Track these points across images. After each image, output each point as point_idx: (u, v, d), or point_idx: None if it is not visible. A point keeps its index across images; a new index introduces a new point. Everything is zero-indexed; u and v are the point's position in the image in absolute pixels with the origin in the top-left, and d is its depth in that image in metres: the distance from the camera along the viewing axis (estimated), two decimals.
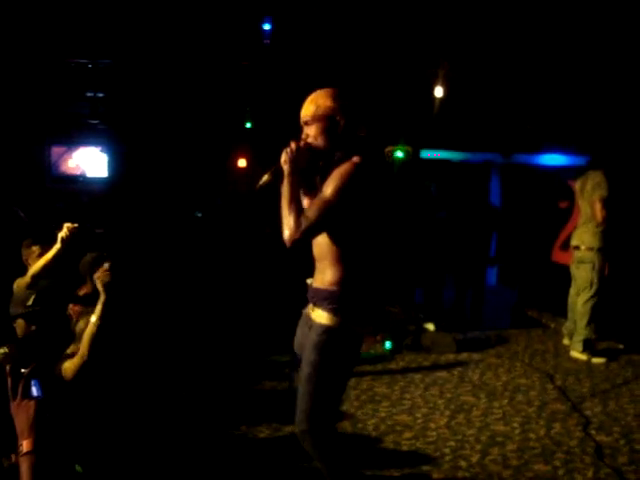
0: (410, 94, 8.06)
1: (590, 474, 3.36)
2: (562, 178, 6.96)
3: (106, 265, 2.99)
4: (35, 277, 3.72)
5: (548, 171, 8.97)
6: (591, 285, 5.50)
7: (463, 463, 3.47)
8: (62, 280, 3.76)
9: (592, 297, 5.51)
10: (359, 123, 2.63)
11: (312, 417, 2.52)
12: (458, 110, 8.33)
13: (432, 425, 4.01)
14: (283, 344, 5.74)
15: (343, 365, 2.59)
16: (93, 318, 2.91)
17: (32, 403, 1.51)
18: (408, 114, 8.01)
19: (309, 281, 2.74)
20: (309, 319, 2.63)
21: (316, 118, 2.56)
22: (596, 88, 7.75)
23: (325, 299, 2.54)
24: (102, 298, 2.93)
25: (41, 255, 3.89)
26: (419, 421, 4.06)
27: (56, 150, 9.23)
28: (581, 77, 7.77)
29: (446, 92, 8.19)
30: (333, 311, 2.52)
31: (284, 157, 2.53)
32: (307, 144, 2.57)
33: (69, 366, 2.91)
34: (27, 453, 1.47)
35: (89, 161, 9.23)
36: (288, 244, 2.47)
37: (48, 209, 7.90)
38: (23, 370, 1.55)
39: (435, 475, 3.34)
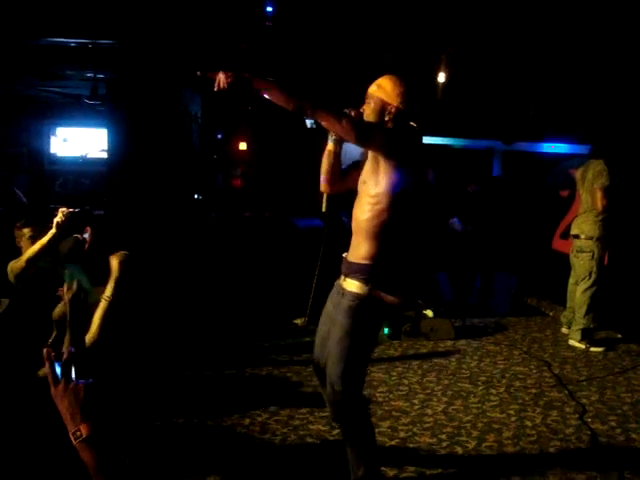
0: (413, 80, 8.01)
1: (586, 462, 3.37)
2: (564, 166, 6.94)
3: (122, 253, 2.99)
4: (30, 262, 3.71)
5: (550, 159, 8.94)
6: (590, 274, 5.50)
7: (459, 449, 3.48)
8: (55, 263, 3.75)
9: (591, 286, 5.51)
10: (413, 115, 2.82)
11: (344, 379, 2.73)
12: (461, 96, 8.29)
13: (429, 411, 4.01)
14: (281, 328, 5.78)
15: (371, 330, 2.83)
16: (105, 299, 2.90)
17: (80, 386, 1.47)
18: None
19: (344, 255, 2.93)
20: (341, 289, 2.83)
21: (373, 98, 2.79)
22: (599, 77, 7.70)
23: (357, 271, 2.76)
24: (115, 276, 2.92)
25: (32, 237, 3.87)
26: (416, 407, 4.07)
27: (56, 131, 9.20)
28: (584, 66, 7.72)
29: (449, 78, 8.14)
30: (364, 281, 2.73)
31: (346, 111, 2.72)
32: (359, 116, 2.76)
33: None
34: (87, 438, 1.44)
35: (89, 142, 9.20)
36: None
37: (47, 190, 7.88)
38: (62, 354, 1.50)
39: (431, 461, 3.35)
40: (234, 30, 7.56)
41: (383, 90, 2.78)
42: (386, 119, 2.76)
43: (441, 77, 8.13)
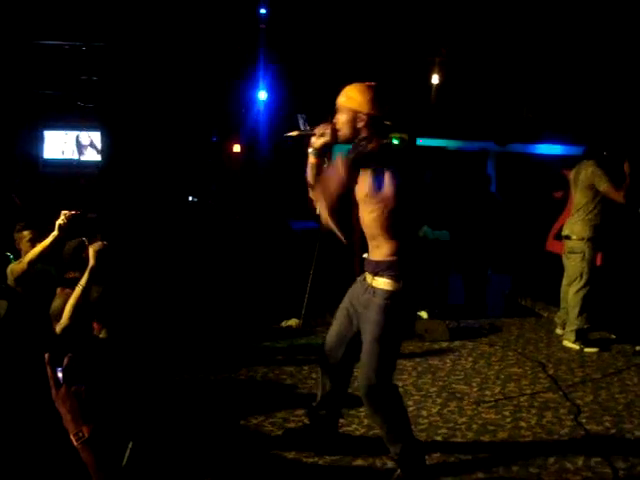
0: (407, 81, 8.02)
1: (580, 463, 3.38)
2: (557, 168, 6.95)
3: (99, 243, 3.03)
4: (31, 263, 3.72)
5: (544, 160, 8.96)
6: (581, 275, 5.49)
7: (454, 451, 3.48)
8: (54, 264, 3.76)
9: (583, 287, 5.50)
10: (385, 117, 2.94)
11: (380, 372, 2.88)
12: (455, 98, 8.30)
13: (424, 413, 4.01)
14: (276, 330, 5.77)
15: (405, 323, 3.01)
16: (79, 285, 2.93)
17: (81, 389, 1.50)
18: (405, 101, 7.97)
19: (365, 255, 3.07)
20: (370, 287, 2.94)
21: (344, 109, 2.90)
22: (593, 77, 7.72)
23: (387, 268, 2.87)
24: (91, 264, 2.95)
25: (31, 240, 3.88)
26: (411, 408, 4.06)
27: (50, 134, 9.17)
28: (579, 66, 7.74)
29: (443, 79, 8.15)
30: (395, 277, 2.86)
31: (319, 130, 2.90)
32: (334, 129, 2.90)
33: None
34: (88, 439, 1.47)
35: (83, 145, 9.17)
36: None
37: (41, 193, 7.86)
38: (63, 358, 1.54)
39: (426, 462, 3.34)
40: (228, 32, 7.56)
41: (352, 99, 2.89)
42: (359, 127, 2.89)
43: (435, 79, 8.15)
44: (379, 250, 2.93)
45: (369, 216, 2.93)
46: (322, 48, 7.54)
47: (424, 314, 6.22)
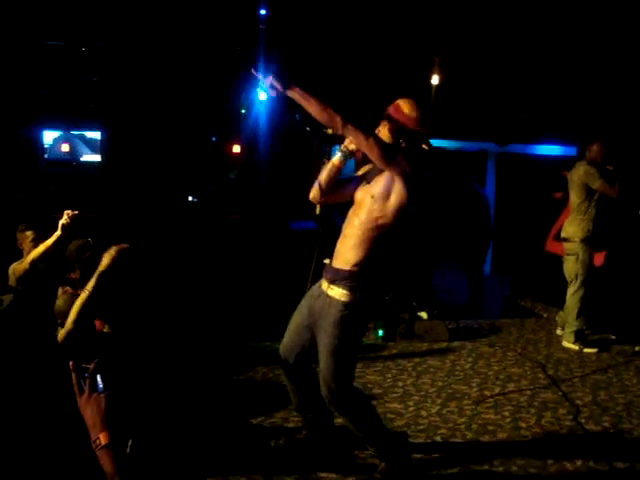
0: (406, 81, 8.02)
1: (579, 463, 3.38)
2: (557, 168, 6.95)
3: (124, 246, 2.98)
4: (33, 263, 3.72)
5: (544, 161, 8.95)
6: (577, 277, 5.46)
7: (454, 451, 3.48)
8: (55, 263, 3.75)
9: (579, 289, 5.47)
10: (426, 138, 3.02)
11: (338, 380, 2.92)
12: (454, 98, 8.30)
13: (424, 413, 4.01)
14: (276, 331, 5.77)
15: (360, 333, 3.02)
16: (85, 290, 2.88)
17: (102, 397, 1.53)
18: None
19: (326, 261, 3.08)
20: (326, 296, 2.95)
21: (390, 118, 2.96)
22: (592, 78, 7.72)
23: (345, 279, 2.88)
24: (101, 269, 2.90)
25: (34, 240, 3.88)
26: (411, 409, 4.07)
27: (49, 134, 9.17)
28: (578, 67, 7.74)
29: (442, 80, 8.15)
30: (352, 289, 2.87)
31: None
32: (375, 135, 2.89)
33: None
34: (105, 446, 1.49)
35: (82, 145, 9.17)
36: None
37: (41, 193, 7.86)
38: (86, 365, 1.56)
39: (426, 462, 3.35)
40: (228, 33, 7.56)
41: (401, 113, 2.94)
42: (401, 140, 2.93)
43: (434, 79, 8.15)
44: (343, 256, 2.93)
45: (358, 215, 2.93)
46: (322, 48, 7.54)
47: (424, 315, 6.23)
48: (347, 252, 2.92)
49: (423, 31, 7.65)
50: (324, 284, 3.01)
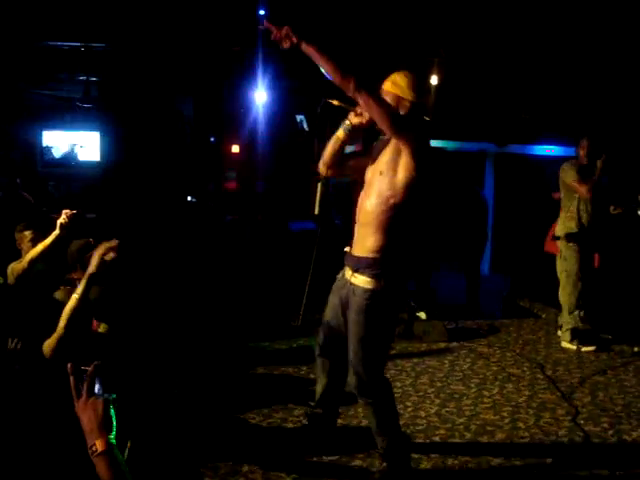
0: (419, 71, 8.02)
1: (578, 464, 3.38)
2: (557, 169, 6.95)
3: (113, 243, 2.90)
4: (32, 263, 3.71)
5: (543, 161, 8.96)
6: (563, 274, 5.48)
7: (452, 451, 3.48)
8: (54, 263, 3.75)
9: (566, 285, 5.47)
10: (425, 108, 2.97)
11: (369, 369, 2.90)
12: (453, 99, 8.30)
13: (422, 413, 4.02)
14: (275, 329, 5.77)
15: (390, 320, 2.96)
16: (75, 295, 2.83)
17: (99, 401, 1.50)
18: None
19: (347, 249, 3.00)
20: (350, 284, 2.89)
21: (388, 95, 2.89)
22: (591, 78, 7.73)
23: (368, 266, 2.82)
24: (90, 271, 2.84)
25: (33, 240, 3.87)
26: (409, 409, 4.07)
27: (48, 134, 9.16)
28: (577, 67, 7.75)
29: (441, 81, 8.15)
30: (376, 276, 2.80)
31: (360, 109, 2.85)
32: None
33: (47, 343, 2.83)
34: (102, 453, 1.46)
35: (81, 145, 9.16)
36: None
37: (40, 193, 7.85)
38: (85, 368, 1.54)
39: (424, 463, 3.35)
40: (227, 33, 7.56)
41: (397, 86, 2.90)
42: (402, 113, 2.87)
43: (434, 80, 8.14)
44: (363, 243, 2.87)
45: (369, 199, 2.87)
46: (321, 48, 7.54)
47: (423, 315, 6.23)
48: (366, 239, 2.86)
49: (422, 31, 7.65)
50: (347, 272, 2.95)
